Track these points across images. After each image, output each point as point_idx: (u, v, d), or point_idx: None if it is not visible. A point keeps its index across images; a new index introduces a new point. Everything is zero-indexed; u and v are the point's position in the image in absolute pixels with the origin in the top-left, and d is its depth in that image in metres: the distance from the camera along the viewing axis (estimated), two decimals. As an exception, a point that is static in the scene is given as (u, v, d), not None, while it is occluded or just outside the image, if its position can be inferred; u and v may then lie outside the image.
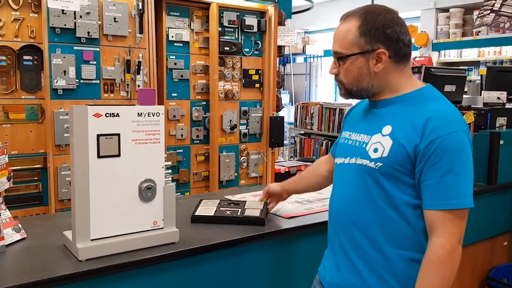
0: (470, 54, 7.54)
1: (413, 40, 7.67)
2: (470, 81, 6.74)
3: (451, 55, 7.77)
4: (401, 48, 1.37)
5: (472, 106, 3.21)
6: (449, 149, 1.26)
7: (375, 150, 1.35)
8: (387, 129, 1.35)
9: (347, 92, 1.44)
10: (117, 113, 1.50)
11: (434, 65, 7.36)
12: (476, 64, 7.41)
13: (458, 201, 1.26)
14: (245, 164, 3.87)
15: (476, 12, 6.77)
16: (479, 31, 6.98)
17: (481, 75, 6.41)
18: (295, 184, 1.93)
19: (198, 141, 3.66)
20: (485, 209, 2.78)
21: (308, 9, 5.67)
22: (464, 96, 3.76)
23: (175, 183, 1.69)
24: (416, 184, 1.32)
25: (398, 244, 1.35)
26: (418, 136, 1.28)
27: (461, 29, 7.44)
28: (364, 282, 1.39)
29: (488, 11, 4.88)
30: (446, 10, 7.59)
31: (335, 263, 1.48)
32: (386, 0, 2.08)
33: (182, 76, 3.51)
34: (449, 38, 7.52)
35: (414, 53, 7.61)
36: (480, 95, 4.10)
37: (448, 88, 3.32)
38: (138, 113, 1.55)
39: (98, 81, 3.08)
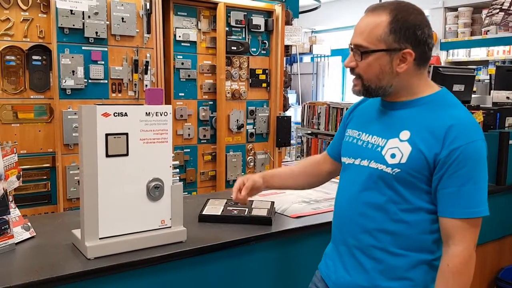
0: (478, 53, 7.48)
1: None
2: (479, 80, 6.69)
3: (460, 55, 7.72)
4: (425, 52, 1.33)
5: (481, 105, 3.20)
6: (470, 159, 1.25)
7: (393, 156, 1.32)
8: (405, 134, 1.32)
9: (364, 89, 1.38)
10: (125, 113, 1.51)
11: (443, 64, 7.32)
12: (485, 63, 7.36)
13: (476, 210, 1.27)
14: (252, 163, 3.88)
15: (485, 11, 6.72)
16: (488, 30, 6.93)
17: (490, 75, 6.35)
18: (281, 180, 1.78)
19: (205, 141, 3.67)
20: (494, 210, 2.74)
21: (316, 8, 5.66)
22: (473, 95, 3.74)
23: (182, 182, 1.69)
24: (432, 191, 1.31)
25: (407, 247, 1.35)
26: (439, 144, 1.26)
27: (470, 28, 7.39)
28: (373, 282, 1.38)
29: (497, 10, 4.85)
30: (454, 9, 7.54)
31: (341, 262, 1.46)
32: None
33: (189, 76, 3.52)
34: (457, 37, 7.47)
35: (422, 53, 7.57)
36: (489, 94, 4.07)
37: (457, 87, 3.30)
38: (146, 113, 1.56)
39: (106, 81, 3.10)
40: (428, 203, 1.33)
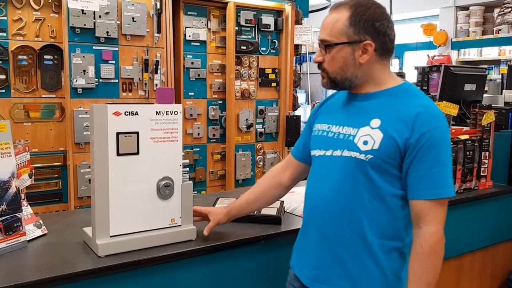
0: (490, 52, 7.41)
1: (431, 38, 7.63)
2: (491, 80, 6.62)
3: (471, 54, 7.65)
4: (386, 43, 1.40)
5: (492, 105, 3.16)
6: (437, 142, 1.33)
7: (365, 143, 1.37)
8: (376, 122, 1.37)
9: (331, 81, 1.45)
10: (136, 112, 1.52)
11: (454, 64, 7.26)
12: (496, 63, 7.28)
13: (445, 190, 1.34)
14: (261, 163, 3.88)
15: (496, 10, 6.66)
16: (500, 29, 6.86)
17: (502, 74, 6.29)
18: (246, 208, 1.74)
19: (215, 140, 3.68)
20: (506, 210, 2.74)
21: (326, 7, 5.64)
22: (485, 95, 3.71)
23: (192, 181, 1.70)
24: (402, 176, 1.37)
25: (381, 234, 1.39)
26: (409, 130, 1.33)
27: (481, 27, 7.32)
28: (347, 271, 1.41)
29: (510, 9, 4.81)
30: (466, 8, 7.47)
31: (313, 254, 1.48)
32: (405, -2, 2.06)
33: (199, 75, 3.53)
34: (468, 36, 7.40)
35: (432, 52, 7.53)
36: (501, 94, 4.03)
37: (468, 87, 3.28)
38: (157, 112, 1.56)
39: (116, 80, 3.12)
40: (399, 189, 1.38)
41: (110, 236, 1.51)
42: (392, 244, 1.40)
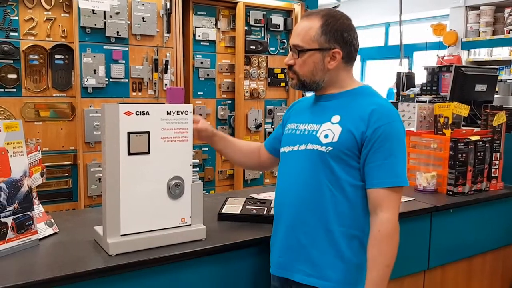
0: (501, 52, 7.34)
1: (441, 38, 7.58)
2: (501, 80, 6.57)
3: (481, 54, 7.59)
4: (352, 52, 1.55)
5: (503, 106, 3.13)
6: (390, 136, 1.45)
7: (326, 136, 1.50)
8: (336, 118, 1.51)
9: (300, 83, 1.57)
10: (147, 111, 1.52)
11: (464, 64, 7.21)
12: (507, 63, 7.22)
13: (399, 179, 1.46)
14: (270, 163, 3.87)
15: (507, 10, 6.61)
16: (511, 29, 6.80)
17: (513, 74, 6.25)
18: (224, 145, 1.84)
19: (224, 140, 3.67)
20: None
21: (335, 7, 5.62)
22: (495, 95, 3.68)
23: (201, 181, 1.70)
24: (360, 167, 1.49)
25: (342, 222, 1.49)
26: (365, 124, 1.46)
27: (492, 27, 7.26)
28: (308, 257, 1.51)
29: (521, 9, 4.75)
30: (476, 8, 7.42)
31: (280, 243, 1.58)
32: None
33: (208, 75, 3.53)
34: (479, 36, 7.34)
35: (442, 52, 7.48)
36: (512, 94, 4.00)
37: (479, 87, 3.25)
38: (167, 112, 1.57)
39: (126, 80, 3.14)
40: (358, 181, 1.50)
41: (121, 235, 1.51)
42: (352, 232, 1.50)
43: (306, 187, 1.52)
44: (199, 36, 3.47)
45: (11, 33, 2.81)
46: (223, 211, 1.95)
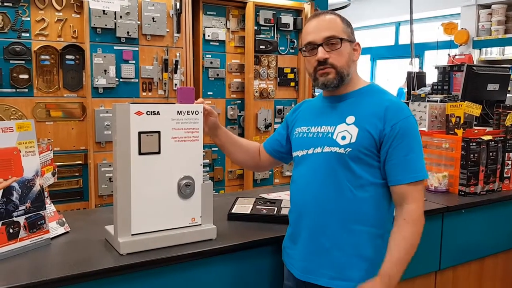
0: (513, 51, 7.27)
1: (452, 37, 7.52)
2: (513, 79, 6.50)
3: (493, 53, 7.51)
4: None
5: (516, 105, 3.10)
6: (408, 131, 1.46)
7: (343, 138, 1.49)
8: (351, 119, 1.50)
9: (339, 76, 1.52)
10: (158, 111, 1.53)
11: (475, 63, 7.15)
12: (519, 62, 7.15)
13: (420, 174, 1.48)
14: (279, 163, 3.87)
15: (520, 8, 6.53)
16: (523, 28, 6.73)
17: (525, 74, 6.17)
18: (226, 140, 1.82)
19: (233, 140, 3.67)
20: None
21: (345, 6, 5.60)
22: (508, 95, 3.64)
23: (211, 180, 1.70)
24: (380, 166, 1.49)
25: (364, 222, 1.48)
26: (381, 122, 1.46)
27: (504, 26, 7.19)
28: (332, 260, 1.49)
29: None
30: (488, 6, 7.35)
31: (303, 247, 1.55)
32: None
33: (217, 75, 3.54)
34: (490, 35, 7.28)
35: (453, 51, 7.42)
36: (524, 94, 3.95)
37: (491, 87, 3.22)
38: (178, 111, 1.57)
39: (137, 80, 3.15)
40: (378, 179, 1.49)
41: (132, 235, 1.52)
42: (375, 231, 1.50)
43: (326, 190, 1.50)
44: (208, 36, 3.47)
45: (23, 34, 2.83)
46: (233, 211, 1.95)
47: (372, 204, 1.49)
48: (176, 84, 3.26)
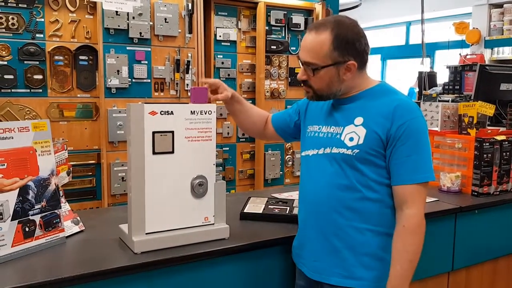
0: (526, 51, 7.19)
1: (464, 37, 7.45)
2: (526, 79, 6.43)
3: (505, 52, 7.43)
4: (365, 57, 1.53)
5: (529, 105, 3.07)
6: (413, 131, 1.45)
7: (351, 139, 1.49)
8: (359, 120, 1.50)
9: (317, 96, 1.56)
10: (171, 111, 1.54)
11: (487, 63, 7.08)
12: (532, 61, 7.06)
13: (424, 175, 1.46)
14: (290, 163, 3.87)
15: (533, 7, 6.46)
16: (536, 27, 6.66)
17: (538, 73, 6.09)
18: (240, 109, 1.84)
19: (244, 139, 3.69)
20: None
21: (356, 6, 5.58)
22: (521, 94, 3.60)
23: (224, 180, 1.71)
24: (387, 166, 1.48)
25: (373, 221, 1.49)
26: (389, 122, 1.45)
27: (516, 25, 7.11)
28: (343, 260, 1.51)
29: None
30: (499, 5, 7.27)
31: (313, 247, 1.57)
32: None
33: (229, 75, 3.55)
34: (502, 34, 7.20)
35: (465, 51, 7.36)
36: (538, 94, 3.91)
37: (504, 86, 3.19)
38: (191, 111, 1.58)
39: (149, 80, 3.17)
40: (386, 179, 1.49)
41: (146, 233, 1.53)
42: (383, 230, 1.50)
43: (334, 190, 1.51)
44: (220, 36, 3.49)
45: (37, 35, 2.86)
46: (245, 211, 1.95)
47: (380, 203, 1.49)
48: (187, 85, 3.27)
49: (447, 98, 4.11)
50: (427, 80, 4.59)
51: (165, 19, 3.16)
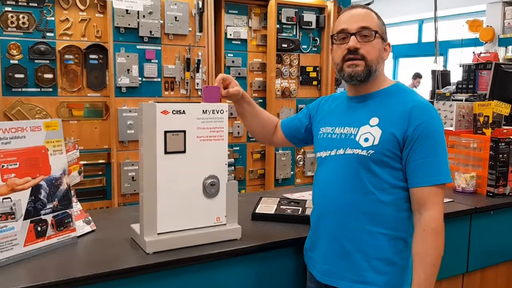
0: (540, 49, 7.10)
1: (477, 35, 7.37)
2: (540, 78, 6.33)
3: (519, 51, 7.35)
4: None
5: (545, 104, 3.01)
6: (431, 133, 1.42)
7: (366, 140, 1.45)
8: (374, 121, 1.47)
9: (367, 70, 1.48)
10: (183, 110, 1.52)
11: (501, 61, 6.99)
12: (546, 60, 6.97)
13: (442, 177, 1.42)
14: (301, 162, 3.84)
15: (547, 5, 6.36)
16: (550, 25, 6.56)
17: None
18: (249, 110, 1.80)
19: (254, 139, 3.67)
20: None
21: (369, 4, 5.54)
22: (536, 93, 3.53)
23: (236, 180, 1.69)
24: (403, 168, 1.45)
25: (386, 225, 1.45)
26: (406, 123, 1.42)
27: (530, 23, 7.02)
28: (353, 264, 1.47)
29: None
30: (513, 3, 7.19)
31: (324, 250, 1.54)
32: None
33: (239, 73, 3.53)
34: (516, 32, 7.11)
35: (478, 49, 7.28)
36: (553, 92, 3.84)
37: (520, 85, 3.13)
38: (203, 111, 1.56)
39: (159, 79, 3.16)
40: (401, 181, 1.46)
41: (158, 234, 1.52)
42: (397, 234, 1.46)
43: (348, 192, 1.47)
44: (230, 34, 3.47)
45: (47, 34, 2.87)
46: (257, 211, 1.93)
47: (394, 207, 1.46)
48: (198, 83, 3.26)
49: (460, 97, 4.06)
50: (440, 78, 4.54)
51: (176, 17, 3.15)
